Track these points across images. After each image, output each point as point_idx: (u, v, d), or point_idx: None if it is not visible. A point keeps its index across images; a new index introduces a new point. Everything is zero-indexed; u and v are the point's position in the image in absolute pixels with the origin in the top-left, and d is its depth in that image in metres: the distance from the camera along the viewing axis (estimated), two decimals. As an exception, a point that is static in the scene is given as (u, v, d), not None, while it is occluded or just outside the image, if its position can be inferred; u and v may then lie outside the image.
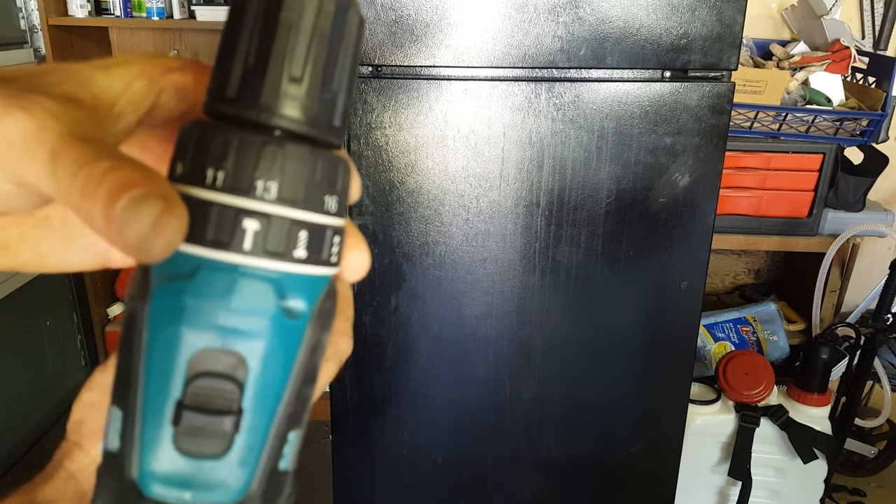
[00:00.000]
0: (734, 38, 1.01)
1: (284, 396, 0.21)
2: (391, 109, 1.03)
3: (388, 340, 1.16)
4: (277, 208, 0.19)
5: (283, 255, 0.20)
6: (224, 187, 0.19)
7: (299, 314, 0.21)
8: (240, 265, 0.19)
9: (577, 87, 1.03)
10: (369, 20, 0.99)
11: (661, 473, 1.29)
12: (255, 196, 0.19)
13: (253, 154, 0.19)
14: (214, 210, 0.19)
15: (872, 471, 1.81)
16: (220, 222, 0.19)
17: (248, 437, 0.20)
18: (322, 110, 0.21)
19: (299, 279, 0.20)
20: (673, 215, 1.10)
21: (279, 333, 0.20)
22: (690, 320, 1.17)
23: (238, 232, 0.19)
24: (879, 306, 1.59)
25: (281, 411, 0.21)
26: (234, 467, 0.20)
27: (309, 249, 0.20)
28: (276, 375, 0.20)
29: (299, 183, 0.20)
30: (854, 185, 1.67)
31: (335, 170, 0.21)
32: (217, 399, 0.20)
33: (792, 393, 1.51)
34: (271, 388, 0.20)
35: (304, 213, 0.20)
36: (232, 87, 0.20)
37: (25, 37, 2.00)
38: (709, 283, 2.18)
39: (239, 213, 0.19)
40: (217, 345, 0.19)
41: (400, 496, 1.27)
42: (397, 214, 1.09)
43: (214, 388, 0.20)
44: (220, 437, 0.20)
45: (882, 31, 1.96)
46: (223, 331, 0.19)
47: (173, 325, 0.19)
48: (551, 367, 1.18)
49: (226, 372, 0.20)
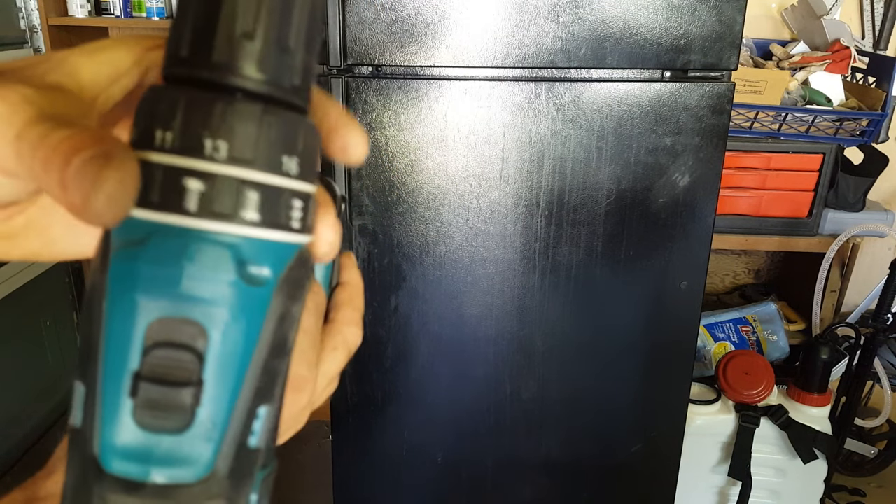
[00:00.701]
0: (734, 38, 1.01)
1: (250, 368, 0.20)
2: (391, 109, 1.03)
3: (388, 340, 1.16)
4: (227, 168, 0.19)
5: (232, 217, 0.19)
6: (172, 148, 0.19)
7: (262, 281, 0.20)
8: (191, 228, 0.19)
9: (577, 87, 1.03)
10: (369, 20, 0.99)
11: (661, 473, 1.29)
12: (204, 156, 0.18)
13: (201, 112, 0.19)
14: (160, 171, 0.18)
15: (872, 471, 1.81)
16: (166, 184, 0.18)
17: (210, 410, 0.19)
18: (279, 68, 0.20)
19: (260, 244, 0.19)
20: (673, 215, 1.10)
21: (241, 301, 0.19)
22: (690, 320, 1.17)
23: (184, 193, 0.18)
24: (879, 306, 1.59)
25: (247, 384, 0.20)
26: (198, 442, 0.19)
27: (262, 212, 0.19)
28: (238, 346, 0.19)
29: (250, 142, 0.19)
30: (854, 185, 1.67)
31: (294, 130, 0.20)
32: (175, 370, 0.19)
33: (792, 393, 1.51)
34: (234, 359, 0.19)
35: (255, 173, 0.19)
36: (184, 47, 0.19)
37: (25, 37, 2.01)
38: (709, 283, 2.18)
39: (185, 174, 0.18)
40: (174, 313, 0.19)
41: (400, 496, 1.27)
42: (397, 214, 1.09)
43: (173, 358, 0.19)
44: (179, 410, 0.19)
45: (882, 31, 1.96)
46: (180, 298, 0.19)
47: (128, 293, 0.19)
48: (551, 367, 1.18)
49: (184, 342, 0.19)
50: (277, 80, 0.20)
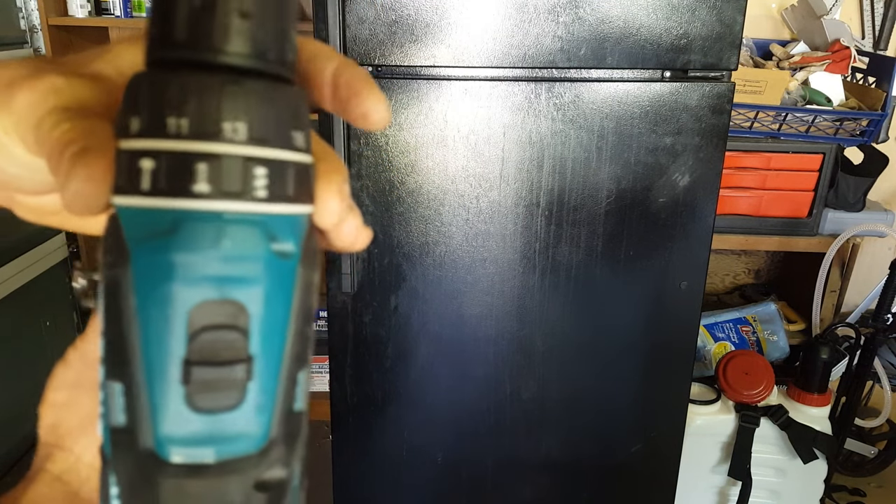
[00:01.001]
0: (734, 38, 1.01)
1: (289, 337, 0.21)
2: (391, 110, 1.03)
3: (388, 340, 1.16)
4: (251, 149, 0.19)
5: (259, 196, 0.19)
6: (191, 134, 0.18)
7: (290, 254, 0.20)
8: (224, 212, 0.19)
9: (577, 87, 1.03)
10: (369, 20, 0.99)
11: (661, 473, 1.29)
12: (225, 139, 0.19)
13: (214, 96, 0.19)
14: (181, 159, 0.18)
15: (872, 471, 1.81)
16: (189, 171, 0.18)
17: (261, 382, 0.20)
18: (275, 44, 0.20)
19: (284, 219, 0.20)
20: (673, 215, 1.10)
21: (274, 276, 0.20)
22: (690, 320, 1.17)
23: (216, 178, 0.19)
24: (879, 306, 1.59)
25: (288, 352, 0.21)
26: (253, 415, 0.20)
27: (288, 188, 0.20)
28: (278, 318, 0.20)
29: (267, 120, 0.19)
30: (854, 185, 1.67)
31: (297, 103, 0.20)
32: (224, 350, 0.19)
33: (792, 393, 1.51)
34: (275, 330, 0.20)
35: (276, 150, 0.19)
36: (180, 30, 0.19)
37: (25, 37, 2.01)
38: (709, 283, 2.18)
39: (212, 159, 0.19)
40: (214, 296, 0.19)
41: (400, 496, 1.27)
42: (397, 214, 1.09)
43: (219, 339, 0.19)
44: (234, 387, 0.19)
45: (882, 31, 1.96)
46: (219, 281, 0.19)
47: (164, 283, 0.19)
48: (551, 367, 1.18)
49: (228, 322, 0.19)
50: (275, 57, 0.20)
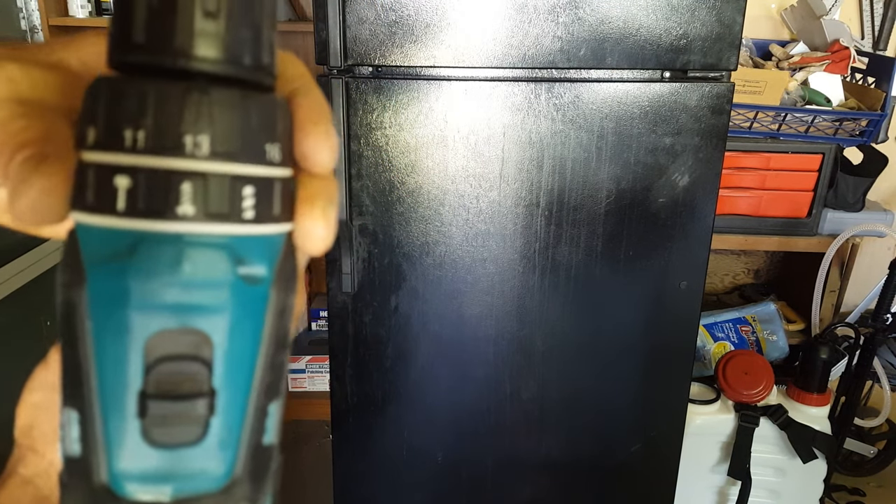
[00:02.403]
0: (734, 39, 1.01)
1: (258, 368, 0.19)
2: (391, 109, 1.04)
3: (388, 340, 1.16)
4: (214, 164, 0.17)
5: (230, 217, 0.18)
6: (148, 148, 0.17)
7: (260, 278, 0.19)
8: (183, 234, 0.17)
9: (576, 87, 1.03)
10: (370, 20, 0.99)
11: (661, 473, 1.29)
12: (186, 154, 0.17)
13: (175, 105, 0.17)
14: (142, 176, 0.17)
15: (872, 470, 1.81)
16: (150, 189, 0.17)
17: (224, 417, 0.18)
18: (246, 46, 0.18)
19: (254, 241, 0.18)
20: (672, 215, 1.10)
21: (242, 303, 0.18)
22: (690, 320, 1.18)
23: (173, 197, 0.17)
24: (879, 306, 1.59)
25: (256, 384, 0.19)
26: (215, 451, 0.19)
27: (258, 207, 0.18)
28: (245, 348, 0.19)
29: (234, 132, 0.18)
30: (853, 185, 1.67)
31: (273, 113, 0.19)
32: (184, 382, 0.18)
33: (791, 393, 1.51)
34: (242, 361, 0.19)
35: (244, 166, 0.18)
36: (139, 32, 0.17)
37: (26, 37, 2.00)
38: (708, 283, 2.18)
39: (171, 176, 0.17)
40: (174, 325, 0.17)
41: (400, 496, 1.27)
42: (397, 214, 1.09)
43: (179, 371, 0.18)
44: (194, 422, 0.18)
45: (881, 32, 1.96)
46: (178, 309, 0.17)
47: (119, 310, 0.17)
48: (551, 367, 1.19)
49: (189, 352, 0.18)
50: (245, 60, 0.18)
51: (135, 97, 0.17)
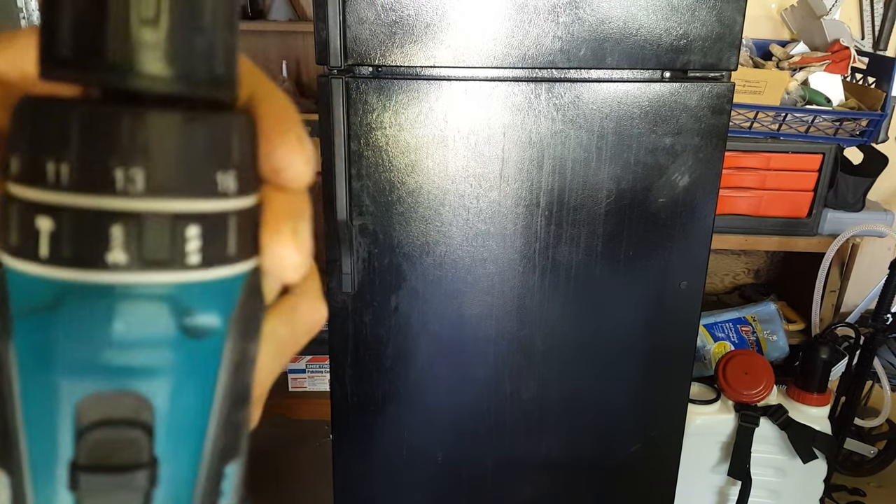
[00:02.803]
0: (734, 39, 1.01)
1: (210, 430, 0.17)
2: (391, 109, 1.04)
3: (388, 340, 1.16)
4: (150, 202, 0.15)
5: (171, 263, 0.15)
6: (72, 184, 0.14)
7: (211, 331, 0.16)
8: (115, 285, 0.15)
9: (576, 87, 1.03)
10: (370, 20, 0.99)
11: (661, 473, 1.29)
12: (116, 191, 0.14)
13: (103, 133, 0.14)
14: (66, 217, 0.14)
15: (872, 470, 1.81)
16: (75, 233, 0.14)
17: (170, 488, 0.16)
18: (194, 57, 0.15)
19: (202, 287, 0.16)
20: (673, 215, 1.10)
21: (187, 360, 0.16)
22: (690, 320, 1.18)
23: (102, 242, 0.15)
24: (879, 306, 1.59)
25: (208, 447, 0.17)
26: None
27: (206, 249, 0.15)
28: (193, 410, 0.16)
29: (174, 163, 0.15)
30: (853, 185, 1.67)
31: (226, 135, 0.16)
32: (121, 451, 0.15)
33: (791, 393, 1.51)
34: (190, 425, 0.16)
35: (188, 202, 0.15)
36: (64, 43, 0.15)
37: (25, 37, 2.01)
38: (708, 283, 2.18)
39: (99, 217, 0.14)
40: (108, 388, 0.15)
41: (400, 496, 1.27)
42: (397, 214, 1.09)
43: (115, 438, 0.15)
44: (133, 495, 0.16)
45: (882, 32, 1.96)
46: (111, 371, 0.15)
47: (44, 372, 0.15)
48: (551, 367, 1.19)
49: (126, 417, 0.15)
50: (194, 74, 0.15)
51: (57, 123, 0.14)
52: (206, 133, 0.15)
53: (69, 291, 0.15)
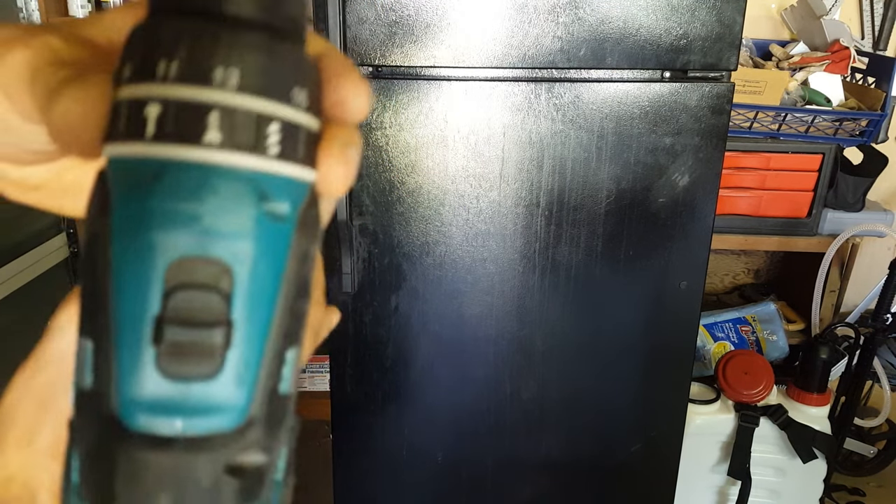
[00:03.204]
0: (734, 39, 1.01)
1: (277, 308, 0.19)
2: (391, 109, 1.04)
3: (388, 340, 1.16)
4: (242, 98, 0.18)
5: (255, 149, 0.18)
6: (179, 77, 0.17)
7: (284, 217, 0.19)
8: (208, 162, 0.17)
9: (576, 87, 1.03)
10: (370, 20, 0.99)
11: (661, 473, 1.29)
12: (215, 85, 0.17)
13: (207, 40, 0.18)
14: (172, 104, 0.17)
15: (872, 470, 1.81)
16: (178, 116, 0.17)
17: (242, 352, 0.18)
18: None
19: (278, 180, 0.18)
20: (672, 215, 1.10)
21: (265, 237, 0.18)
22: (690, 320, 1.18)
23: (201, 125, 0.17)
24: (879, 306, 1.59)
25: (275, 325, 0.19)
26: (230, 387, 0.18)
27: (283, 145, 0.18)
28: (266, 284, 0.18)
29: (262, 70, 0.18)
30: (853, 185, 1.67)
31: (301, 62, 0.19)
32: (202, 312, 0.17)
33: (791, 392, 1.51)
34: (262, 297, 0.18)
35: (268, 103, 0.18)
36: None
37: (25, 37, 2.00)
38: (708, 283, 2.18)
39: (199, 105, 0.17)
40: (196, 252, 0.17)
41: (400, 496, 1.27)
42: (397, 214, 1.09)
43: (198, 300, 0.17)
44: (210, 353, 0.18)
45: (881, 32, 1.96)
46: (202, 234, 0.17)
47: (143, 232, 0.17)
48: (551, 367, 1.19)
49: (209, 282, 0.17)
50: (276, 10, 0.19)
51: (170, 32, 0.18)
52: (287, 54, 0.19)
53: (171, 164, 0.17)
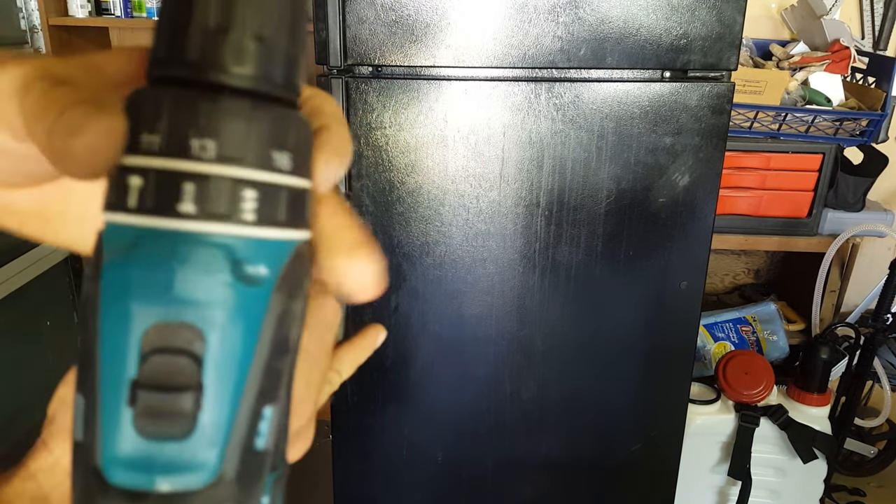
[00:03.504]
0: (734, 39, 1.01)
1: (251, 370, 0.19)
2: (391, 109, 1.03)
3: (388, 340, 1.15)
4: (216, 167, 0.18)
5: (229, 217, 0.19)
6: (159, 150, 0.18)
7: (260, 280, 0.19)
8: (181, 231, 0.18)
9: (576, 87, 1.03)
10: (369, 20, 0.99)
11: (661, 473, 1.29)
12: (192, 156, 0.18)
13: (186, 112, 0.18)
14: (150, 175, 0.18)
15: (872, 471, 1.81)
16: (156, 187, 0.18)
17: (213, 414, 0.19)
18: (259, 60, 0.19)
19: (255, 243, 0.19)
20: (673, 215, 1.10)
21: (237, 302, 0.19)
22: (690, 320, 1.18)
23: (174, 195, 0.18)
24: (879, 306, 1.59)
25: (249, 385, 0.19)
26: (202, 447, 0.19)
27: (259, 210, 0.19)
28: (238, 348, 0.19)
29: (239, 138, 0.19)
30: (854, 185, 1.67)
31: (284, 125, 0.20)
32: (174, 375, 0.18)
33: (792, 393, 1.51)
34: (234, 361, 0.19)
35: (245, 170, 0.19)
36: (161, 47, 0.19)
37: (26, 37, 2.00)
38: (708, 283, 2.18)
39: (174, 176, 0.18)
40: (170, 318, 0.18)
41: (400, 496, 1.27)
42: (397, 214, 1.09)
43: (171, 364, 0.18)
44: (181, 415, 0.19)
45: (882, 32, 1.96)
46: (174, 302, 0.18)
47: (121, 300, 0.18)
48: (551, 367, 1.18)
49: (182, 346, 0.18)
50: (260, 74, 0.19)
51: (152, 104, 0.19)
52: (268, 119, 0.19)
53: (147, 235, 0.18)
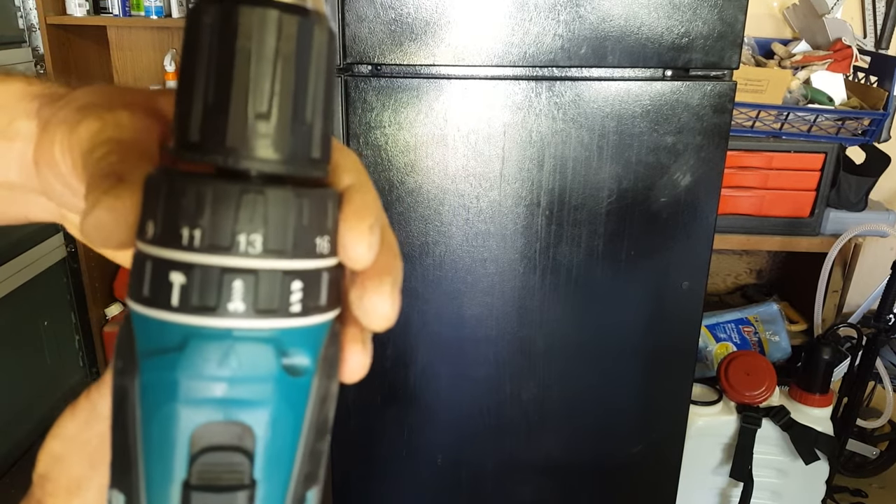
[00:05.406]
0: (736, 37, 1.01)
1: (297, 458, 0.19)
2: (391, 109, 1.03)
3: (388, 340, 1.15)
4: (265, 262, 0.18)
5: (278, 312, 0.18)
6: (203, 247, 0.18)
7: (303, 370, 0.19)
8: (233, 329, 0.18)
9: (577, 86, 1.03)
10: (369, 19, 0.99)
11: (663, 474, 1.29)
12: (239, 252, 0.18)
13: (230, 206, 0.18)
14: (195, 272, 0.18)
15: (874, 472, 1.80)
16: (204, 286, 0.18)
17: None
18: (298, 145, 0.19)
19: (299, 332, 0.19)
20: (674, 215, 1.09)
21: (284, 394, 0.19)
22: (692, 321, 1.17)
23: (225, 294, 0.18)
24: (881, 306, 1.58)
25: (296, 473, 0.19)
26: None
27: (305, 300, 0.19)
28: (286, 438, 0.19)
29: (286, 231, 0.18)
30: (856, 185, 1.66)
31: (324, 208, 0.19)
32: (226, 474, 0.18)
33: (794, 394, 1.51)
34: (283, 452, 0.19)
35: (294, 261, 0.18)
36: (193, 131, 0.18)
37: (24, 36, 2.00)
38: (710, 283, 2.17)
39: (224, 273, 0.18)
40: (219, 417, 0.18)
41: (400, 496, 1.27)
42: (397, 214, 1.08)
43: (222, 462, 0.18)
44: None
45: (884, 31, 1.95)
46: (224, 403, 0.18)
47: (168, 403, 0.18)
48: (552, 368, 1.18)
49: (232, 443, 0.18)
50: (298, 158, 0.19)
51: (193, 197, 0.18)
52: (311, 205, 0.19)
53: (194, 334, 0.18)
